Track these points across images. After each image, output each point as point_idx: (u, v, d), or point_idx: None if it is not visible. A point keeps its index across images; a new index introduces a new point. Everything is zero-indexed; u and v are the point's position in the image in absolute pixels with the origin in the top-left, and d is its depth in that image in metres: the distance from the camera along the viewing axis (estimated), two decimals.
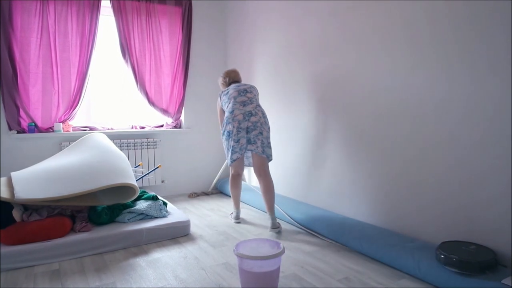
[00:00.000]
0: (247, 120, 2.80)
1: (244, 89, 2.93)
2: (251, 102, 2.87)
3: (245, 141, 2.80)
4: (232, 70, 3.21)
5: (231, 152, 2.83)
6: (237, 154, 2.81)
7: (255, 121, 2.81)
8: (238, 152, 2.81)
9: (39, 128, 3.44)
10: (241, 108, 2.82)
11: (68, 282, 2.03)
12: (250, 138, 2.80)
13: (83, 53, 3.55)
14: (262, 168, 2.85)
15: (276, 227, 2.79)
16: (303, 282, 1.99)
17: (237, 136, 2.79)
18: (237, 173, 3.01)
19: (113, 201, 2.67)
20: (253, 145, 2.80)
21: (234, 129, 2.79)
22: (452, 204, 2.10)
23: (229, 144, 2.85)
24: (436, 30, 2.14)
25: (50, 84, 3.45)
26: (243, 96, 2.89)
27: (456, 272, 1.80)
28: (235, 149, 2.80)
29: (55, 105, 3.48)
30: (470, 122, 2.00)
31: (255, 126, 2.80)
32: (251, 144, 2.80)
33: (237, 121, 2.79)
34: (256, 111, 2.84)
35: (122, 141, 3.77)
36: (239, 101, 2.86)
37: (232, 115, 2.82)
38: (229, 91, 2.96)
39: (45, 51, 3.41)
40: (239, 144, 2.79)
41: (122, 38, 3.75)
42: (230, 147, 2.83)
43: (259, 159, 2.84)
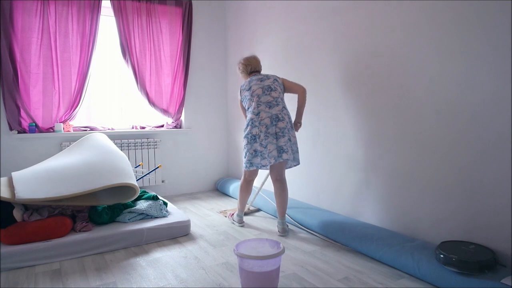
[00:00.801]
0: (275, 125, 2.63)
1: (268, 86, 2.73)
2: (277, 104, 2.69)
3: (274, 148, 2.61)
4: (253, 57, 2.95)
5: (259, 157, 2.67)
6: (267, 161, 2.64)
7: (283, 127, 2.64)
8: (266, 158, 2.63)
9: (39, 128, 3.45)
10: (267, 111, 2.65)
11: (68, 281, 2.03)
12: (282, 146, 2.62)
13: (84, 53, 3.56)
14: (280, 173, 2.75)
15: (284, 231, 2.74)
16: (303, 282, 1.99)
17: (265, 141, 2.62)
18: (251, 178, 2.89)
19: (114, 201, 2.67)
20: (287, 153, 2.62)
21: (262, 134, 2.62)
22: (452, 204, 2.10)
23: (252, 147, 2.68)
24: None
25: (51, 84, 3.45)
26: (268, 95, 2.70)
27: (456, 271, 1.80)
28: (264, 155, 2.64)
29: (56, 105, 3.49)
30: (470, 123, 2.00)
31: (283, 133, 2.63)
32: (285, 153, 2.61)
33: (264, 125, 2.62)
34: (283, 115, 2.67)
35: (122, 141, 3.78)
36: (264, 102, 2.68)
37: (258, 118, 2.65)
38: (252, 86, 2.77)
39: (46, 51, 3.41)
40: (267, 150, 2.62)
41: (123, 38, 3.76)
42: (255, 152, 2.68)
43: (280, 164, 2.73)
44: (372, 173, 2.60)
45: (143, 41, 3.88)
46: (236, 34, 4.26)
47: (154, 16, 3.93)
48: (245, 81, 2.85)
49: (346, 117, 2.81)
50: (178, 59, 4.08)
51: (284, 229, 2.74)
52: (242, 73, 2.96)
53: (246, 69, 2.92)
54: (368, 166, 2.64)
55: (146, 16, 3.88)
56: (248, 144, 2.70)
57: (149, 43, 3.91)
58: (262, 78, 2.79)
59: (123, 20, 3.74)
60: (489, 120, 1.91)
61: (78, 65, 3.55)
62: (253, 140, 2.67)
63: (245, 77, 2.97)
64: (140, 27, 3.85)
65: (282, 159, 2.62)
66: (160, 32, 3.97)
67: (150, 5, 3.89)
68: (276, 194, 2.76)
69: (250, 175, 2.86)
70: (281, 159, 2.62)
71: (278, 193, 2.75)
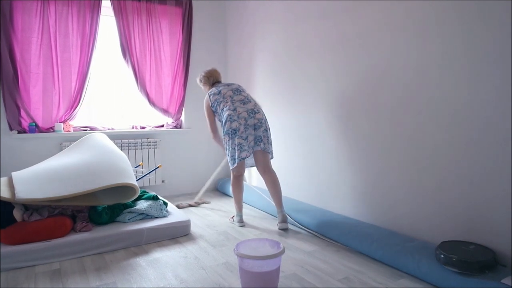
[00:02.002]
0: (253, 117, 2.76)
1: (236, 89, 2.92)
2: (249, 101, 2.85)
3: (253, 139, 2.74)
4: (214, 69, 3.14)
5: (238, 150, 2.72)
6: (246, 152, 2.72)
7: (260, 118, 2.79)
8: (247, 150, 2.73)
9: (39, 128, 3.45)
10: (243, 106, 2.79)
11: (68, 281, 2.03)
12: (259, 136, 2.76)
13: (84, 53, 3.56)
14: (266, 165, 2.83)
15: (285, 221, 2.78)
16: (303, 282, 1.99)
17: (245, 133, 2.72)
18: (240, 173, 2.91)
19: (114, 201, 2.67)
20: (261, 143, 2.76)
21: (241, 126, 2.72)
22: (452, 204, 2.10)
23: (234, 142, 2.75)
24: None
25: (51, 84, 3.45)
26: (239, 95, 2.87)
27: (456, 271, 1.80)
28: (244, 147, 2.72)
29: (56, 105, 3.49)
30: (470, 122, 2.00)
31: (261, 123, 2.78)
32: (262, 143, 2.76)
33: (243, 118, 2.73)
34: (258, 109, 2.82)
35: (122, 141, 3.78)
36: (238, 100, 2.82)
37: (235, 113, 2.75)
38: (221, 90, 2.91)
39: (46, 51, 3.41)
40: (247, 141, 2.72)
41: (123, 38, 3.76)
42: (236, 145, 2.73)
43: (263, 156, 2.81)
44: (372, 173, 2.60)
45: (143, 41, 3.88)
46: (236, 34, 4.26)
47: (154, 16, 3.93)
48: (212, 89, 2.99)
49: (345, 116, 2.81)
50: (178, 59, 4.08)
51: (284, 216, 2.79)
52: (204, 84, 3.12)
53: (209, 80, 3.10)
54: (368, 166, 2.64)
55: (146, 16, 3.88)
56: (229, 140, 2.76)
57: (149, 43, 3.91)
58: (229, 84, 2.98)
59: (123, 20, 3.74)
60: (489, 120, 1.91)
61: (78, 65, 3.55)
62: (234, 135, 2.73)
63: (207, 88, 3.12)
64: (140, 27, 3.85)
65: (259, 147, 2.75)
66: (160, 32, 3.97)
67: (150, 5, 3.89)
68: (268, 186, 2.83)
69: (238, 171, 2.88)
70: (258, 147, 2.75)
71: (269, 184, 2.82)
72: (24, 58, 3.33)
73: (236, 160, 2.76)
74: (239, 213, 3.02)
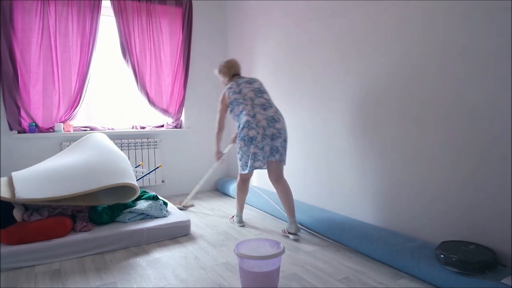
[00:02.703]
0: (272, 127, 2.60)
1: (258, 89, 2.75)
2: (270, 106, 2.70)
3: (269, 149, 2.62)
4: (234, 60, 2.94)
5: (252, 159, 2.61)
6: (260, 163, 2.61)
7: (280, 128, 2.63)
8: (261, 160, 2.61)
9: (39, 128, 3.45)
10: (263, 113, 2.63)
11: (68, 281, 2.03)
12: (276, 146, 2.63)
13: (84, 53, 3.56)
14: (279, 174, 2.71)
15: (298, 231, 2.67)
16: (303, 282, 1.99)
17: (261, 143, 2.59)
18: (248, 178, 2.85)
19: (114, 201, 2.67)
20: (277, 154, 2.64)
21: (259, 136, 2.57)
22: (452, 204, 2.10)
23: (249, 150, 2.62)
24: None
25: (51, 84, 3.45)
26: (261, 97, 2.71)
27: (456, 271, 1.80)
28: (258, 157, 2.60)
29: (56, 105, 3.49)
30: (470, 122, 2.00)
31: (280, 133, 2.63)
32: (278, 154, 2.64)
33: (261, 127, 2.58)
34: (278, 117, 2.66)
35: (122, 141, 3.78)
36: (258, 104, 2.67)
37: (255, 120, 2.60)
38: (242, 89, 2.74)
39: (46, 51, 3.41)
40: (263, 151, 2.60)
41: (123, 38, 3.76)
42: (251, 154, 2.61)
43: (276, 165, 2.69)
44: (372, 173, 2.60)
45: (143, 41, 3.88)
46: (236, 34, 4.26)
47: (154, 16, 3.93)
48: (231, 84, 2.81)
49: (346, 116, 2.81)
50: (178, 59, 4.08)
51: (297, 228, 2.67)
52: (224, 76, 2.92)
53: (229, 71, 2.90)
54: (368, 166, 2.64)
55: (146, 16, 3.88)
56: (244, 146, 2.64)
57: (149, 43, 3.91)
58: (250, 81, 2.78)
59: (123, 20, 3.74)
60: (488, 120, 1.91)
61: (78, 65, 3.55)
62: (250, 142, 2.61)
63: (226, 80, 2.93)
64: (140, 27, 3.85)
65: (274, 158, 2.64)
66: (160, 32, 3.97)
67: (150, 5, 3.89)
68: (280, 196, 2.72)
69: (247, 175, 2.82)
70: (274, 158, 2.64)
71: (281, 194, 2.71)
72: (24, 58, 3.33)
73: (248, 168, 2.65)
74: (239, 213, 3.00)
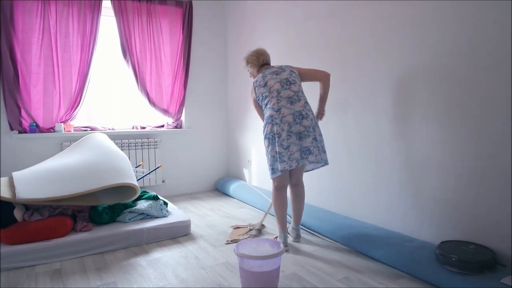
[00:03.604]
0: (299, 123, 2.32)
1: (286, 79, 2.43)
2: (299, 99, 2.38)
3: (297, 149, 2.31)
4: (263, 49, 2.66)
5: (278, 161, 2.32)
6: (285, 164, 2.30)
7: (308, 125, 2.33)
8: (286, 162, 2.30)
9: (40, 128, 3.45)
10: (289, 107, 2.35)
11: (69, 281, 2.04)
12: (307, 147, 2.33)
13: (84, 53, 3.56)
14: (299, 178, 2.53)
15: (298, 238, 2.60)
16: (303, 282, 1.99)
17: (287, 141, 2.30)
18: (282, 184, 2.46)
19: (114, 201, 2.67)
20: (312, 155, 2.33)
21: (284, 132, 2.30)
22: (452, 204, 2.11)
23: (273, 149, 2.35)
24: None
25: (52, 85, 3.46)
26: (288, 89, 2.39)
27: (456, 271, 1.80)
28: (283, 158, 2.30)
29: (56, 105, 3.49)
30: (470, 122, 2.00)
31: (309, 132, 2.33)
32: (311, 155, 2.33)
33: (286, 123, 2.31)
34: (307, 112, 2.37)
35: (123, 141, 3.78)
36: (285, 97, 2.37)
37: (279, 115, 2.34)
38: (268, 82, 2.45)
39: (47, 51, 3.42)
40: (288, 151, 2.31)
41: (123, 38, 3.76)
42: (276, 154, 2.34)
43: (300, 168, 2.50)
44: (372, 173, 2.60)
45: (144, 41, 3.88)
46: (236, 34, 4.26)
47: (155, 16, 3.93)
48: (258, 77, 2.54)
49: (347, 116, 2.81)
50: (179, 59, 4.08)
51: (298, 235, 2.60)
52: (252, 66, 2.62)
53: (258, 61, 2.60)
54: (368, 167, 2.64)
55: (146, 16, 3.88)
56: (269, 146, 2.38)
57: (149, 43, 3.91)
58: (277, 71, 2.48)
59: (123, 20, 3.75)
60: (488, 120, 1.91)
61: (78, 65, 3.55)
62: (274, 140, 2.34)
63: (254, 71, 2.64)
64: (140, 27, 3.85)
65: (307, 161, 2.33)
66: (160, 32, 3.97)
67: (151, 5, 3.89)
68: (293, 200, 2.56)
69: (279, 181, 2.45)
70: (306, 161, 2.33)
71: (294, 198, 2.55)
72: (25, 58, 3.33)
73: (276, 171, 2.37)
74: (282, 233, 2.51)
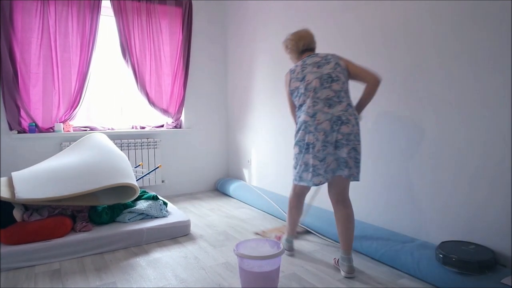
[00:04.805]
0: (336, 131, 1.99)
1: (328, 75, 2.05)
2: (340, 101, 2.03)
3: (332, 160, 2.01)
4: (305, 31, 2.24)
5: (311, 173, 2.03)
6: (321, 178, 2.01)
7: (347, 132, 1.99)
8: (322, 175, 2.01)
9: (39, 128, 3.45)
10: (327, 111, 2.01)
11: (68, 281, 2.03)
12: (342, 157, 2.00)
13: (84, 53, 3.56)
14: (343, 194, 2.11)
15: (351, 272, 2.04)
16: (303, 282, 1.99)
17: (322, 152, 1.99)
18: (303, 192, 2.26)
19: (114, 201, 2.67)
20: (345, 168, 2.01)
21: (318, 143, 1.99)
22: (452, 204, 2.10)
23: (304, 160, 2.06)
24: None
25: (51, 84, 3.45)
26: (328, 88, 2.03)
27: (456, 271, 1.80)
28: (318, 171, 2.01)
29: (56, 105, 3.49)
30: (469, 122, 2.00)
31: (348, 140, 1.99)
32: (346, 169, 2.01)
33: (322, 131, 1.99)
34: (348, 117, 2.00)
35: (122, 141, 3.78)
36: (323, 98, 2.03)
37: (314, 121, 2.01)
38: (306, 75, 2.09)
39: (46, 51, 3.41)
40: (324, 164, 2.00)
41: (123, 38, 3.76)
42: (311, 167, 2.03)
43: (342, 182, 2.09)
44: (372, 174, 2.60)
45: (143, 41, 3.88)
46: (236, 34, 4.26)
47: (154, 16, 3.93)
48: (296, 65, 2.17)
49: None
50: (178, 59, 4.08)
51: (351, 268, 2.05)
52: (292, 52, 2.26)
53: (298, 45, 2.22)
54: (369, 168, 2.64)
55: (146, 16, 3.88)
56: (299, 154, 2.09)
57: (149, 43, 3.91)
58: (320, 63, 2.09)
59: (123, 20, 3.74)
60: (488, 119, 1.91)
61: (78, 65, 3.55)
62: (306, 150, 2.05)
63: (295, 57, 2.27)
64: (140, 27, 3.85)
65: (343, 173, 2.02)
66: (160, 32, 3.97)
67: (150, 5, 3.89)
68: (339, 221, 2.11)
69: (301, 189, 2.24)
70: (342, 173, 2.03)
71: (341, 219, 2.10)
72: (24, 58, 3.33)
73: (305, 181, 2.09)
74: (290, 237, 2.37)
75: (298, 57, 2.25)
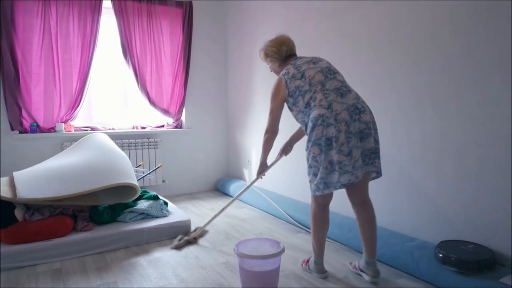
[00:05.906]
0: (357, 120, 1.78)
1: (327, 68, 1.93)
2: (349, 90, 1.88)
3: (360, 154, 1.79)
4: (285, 37, 2.12)
5: (338, 172, 1.76)
6: (350, 176, 1.76)
7: (367, 120, 1.81)
8: (351, 172, 1.76)
9: (41, 128, 3.46)
10: (341, 101, 1.81)
11: (69, 281, 2.04)
12: (369, 148, 1.82)
13: (85, 53, 3.57)
14: (364, 192, 1.95)
15: (376, 275, 1.94)
16: (303, 282, 2.00)
17: (347, 145, 1.76)
18: (328, 202, 1.96)
19: (115, 200, 2.68)
20: (375, 160, 1.85)
21: (342, 134, 1.75)
22: (451, 203, 2.11)
23: (327, 158, 1.78)
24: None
25: (52, 85, 3.47)
26: (333, 79, 1.89)
27: (455, 271, 1.81)
28: (346, 167, 1.76)
29: (57, 106, 3.50)
30: (469, 121, 2.01)
31: (369, 129, 1.81)
32: (374, 159, 1.85)
33: (343, 121, 1.76)
34: (362, 105, 1.84)
35: (123, 141, 3.79)
36: (332, 89, 1.85)
37: (331, 113, 1.78)
38: (305, 72, 1.91)
39: (47, 51, 3.43)
40: (352, 158, 1.76)
41: (123, 38, 3.77)
42: (336, 164, 1.76)
43: (367, 179, 1.93)
44: None
45: (144, 41, 3.89)
46: (236, 34, 4.27)
47: (155, 17, 3.94)
48: (288, 68, 1.99)
49: None
50: (179, 59, 4.09)
51: (378, 272, 1.95)
52: (273, 60, 2.10)
53: (280, 52, 2.06)
54: None
55: (146, 17, 3.89)
56: (320, 155, 1.80)
57: (149, 43, 3.92)
58: (313, 60, 1.97)
59: (124, 20, 3.76)
60: (488, 119, 1.92)
61: (79, 65, 3.56)
62: (328, 146, 1.78)
63: (276, 66, 2.12)
64: (140, 27, 3.86)
65: (374, 167, 1.85)
66: (160, 33, 3.98)
67: (151, 5, 3.90)
68: (362, 223, 1.96)
69: (325, 199, 1.94)
70: (373, 167, 1.85)
71: (364, 221, 1.95)
72: (26, 58, 3.34)
73: (332, 186, 1.80)
74: (318, 259, 2.04)
75: (281, 65, 2.10)
